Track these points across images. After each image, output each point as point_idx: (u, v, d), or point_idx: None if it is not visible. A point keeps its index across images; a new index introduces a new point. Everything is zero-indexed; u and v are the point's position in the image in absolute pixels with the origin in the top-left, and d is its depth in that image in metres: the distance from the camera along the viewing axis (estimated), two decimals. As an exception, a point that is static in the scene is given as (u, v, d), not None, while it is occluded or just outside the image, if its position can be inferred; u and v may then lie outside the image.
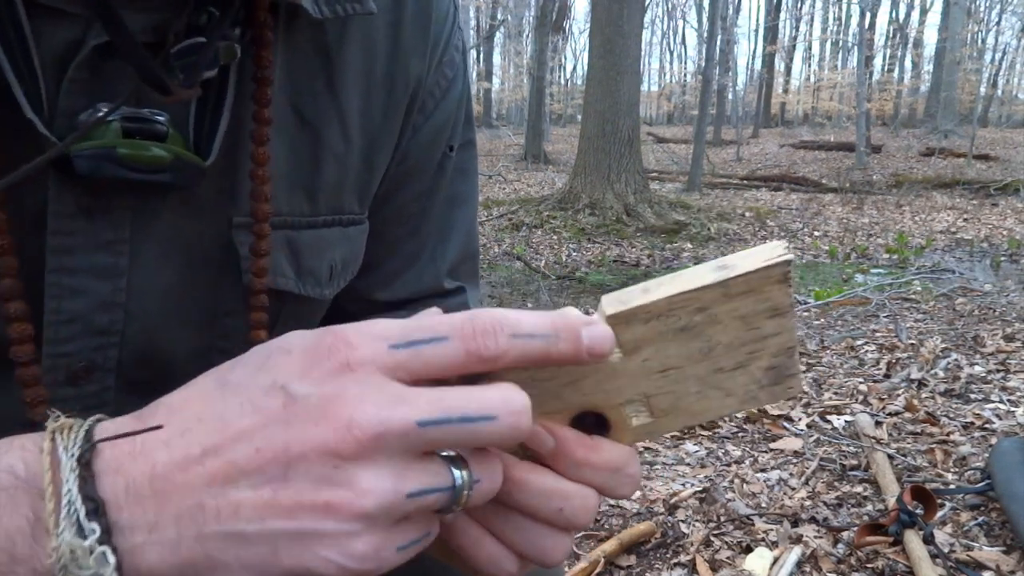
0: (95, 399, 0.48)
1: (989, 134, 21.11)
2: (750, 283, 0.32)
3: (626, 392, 0.36)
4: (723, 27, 16.91)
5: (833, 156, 16.48)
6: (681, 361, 0.35)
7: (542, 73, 16.11)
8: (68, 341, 0.45)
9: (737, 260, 0.33)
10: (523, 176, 13.41)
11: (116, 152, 0.41)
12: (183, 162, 0.43)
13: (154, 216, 0.46)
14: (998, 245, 7.24)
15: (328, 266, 0.56)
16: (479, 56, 31.20)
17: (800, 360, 0.35)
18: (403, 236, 0.64)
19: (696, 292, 0.32)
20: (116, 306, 0.47)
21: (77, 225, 0.43)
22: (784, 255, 0.32)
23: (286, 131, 0.50)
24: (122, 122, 0.41)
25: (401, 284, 0.65)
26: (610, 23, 8.53)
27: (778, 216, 9.25)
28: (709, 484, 1.93)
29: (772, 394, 0.37)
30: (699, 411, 0.37)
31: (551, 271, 6.43)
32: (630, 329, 0.33)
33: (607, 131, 8.73)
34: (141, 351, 0.49)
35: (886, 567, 1.51)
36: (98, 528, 0.28)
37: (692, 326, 0.33)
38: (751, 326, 0.34)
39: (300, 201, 0.53)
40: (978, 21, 29.02)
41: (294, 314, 0.57)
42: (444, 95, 0.60)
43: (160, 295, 0.49)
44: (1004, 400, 2.50)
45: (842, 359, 3.23)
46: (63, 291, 0.44)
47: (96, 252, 0.45)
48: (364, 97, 0.54)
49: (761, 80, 30.93)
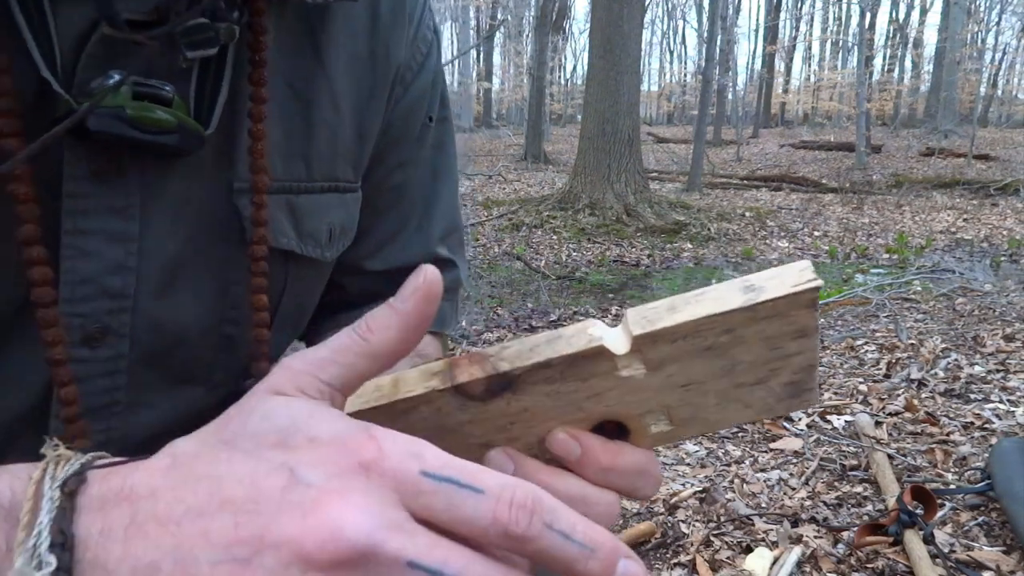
0: (111, 364, 0.50)
1: (989, 134, 21.10)
2: (778, 307, 0.32)
3: (648, 404, 0.37)
4: (723, 27, 16.91)
5: (833, 156, 16.47)
6: (704, 377, 0.35)
7: (542, 73, 16.10)
8: (82, 302, 0.48)
9: (766, 282, 0.33)
10: (523, 176, 13.41)
11: (125, 112, 0.44)
12: (186, 128, 0.47)
13: (162, 184, 0.49)
14: (998, 245, 7.24)
15: (327, 229, 0.59)
16: (479, 56, 31.20)
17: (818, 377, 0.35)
18: (388, 205, 0.67)
19: (724, 315, 0.32)
20: (128, 270, 0.49)
21: (90, 189, 0.46)
22: (813, 280, 0.32)
23: (281, 104, 0.54)
24: (132, 87, 0.45)
25: (389, 253, 0.68)
26: (610, 23, 8.53)
27: (778, 216, 9.25)
28: (709, 484, 1.93)
29: (789, 405, 0.37)
30: (716, 420, 0.38)
31: (551, 271, 6.43)
32: (656, 348, 0.34)
33: (607, 131, 8.73)
34: (153, 318, 0.51)
35: (886, 567, 1.51)
36: (55, 562, 0.27)
37: (717, 346, 0.34)
38: (775, 346, 0.34)
39: (298, 168, 0.56)
40: (978, 21, 29.00)
41: (300, 278, 0.60)
42: (420, 69, 0.64)
43: (170, 262, 0.51)
44: (1004, 400, 2.50)
45: (842, 359, 3.23)
46: (77, 252, 0.47)
47: (108, 216, 0.47)
48: (350, 72, 0.58)
49: (761, 80, 30.93)
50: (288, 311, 0.61)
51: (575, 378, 0.35)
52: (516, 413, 0.37)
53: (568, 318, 4.70)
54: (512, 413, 0.37)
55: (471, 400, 0.36)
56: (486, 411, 0.37)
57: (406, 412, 0.37)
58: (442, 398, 0.36)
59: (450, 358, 0.37)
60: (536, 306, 5.16)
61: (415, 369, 0.37)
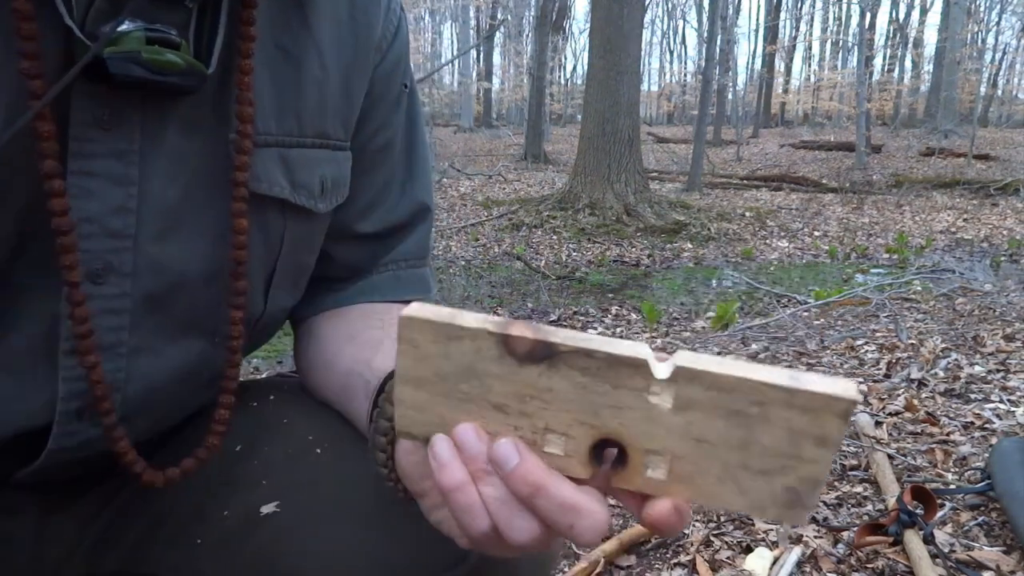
0: (114, 302, 0.54)
1: (989, 134, 21.10)
2: (813, 403, 0.33)
3: (658, 442, 0.37)
4: (723, 27, 16.91)
5: (833, 156, 16.47)
6: (718, 440, 0.36)
7: (542, 73, 16.10)
8: (87, 239, 0.51)
9: (813, 378, 0.34)
10: (523, 176, 13.41)
11: (140, 56, 0.48)
12: (191, 68, 0.51)
13: (161, 133, 0.53)
14: (998, 245, 7.24)
15: (319, 181, 0.63)
16: (479, 56, 31.20)
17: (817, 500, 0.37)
18: (374, 167, 0.71)
19: (763, 386, 0.34)
20: (128, 211, 0.52)
21: (95, 134, 0.50)
22: (854, 396, 0.33)
23: (271, 63, 0.58)
24: (144, 32, 0.49)
25: (378, 216, 0.72)
26: (610, 23, 8.52)
27: (778, 216, 9.25)
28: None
29: (779, 515, 0.37)
30: (709, 494, 0.38)
31: (551, 271, 6.43)
32: (691, 387, 0.35)
33: (607, 131, 8.73)
34: (154, 260, 0.54)
35: (886, 567, 1.51)
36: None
37: (745, 414, 0.35)
38: (794, 443, 0.35)
39: (289, 123, 0.60)
40: (978, 21, 29.01)
41: (296, 230, 0.63)
42: (394, 37, 0.69)
43: (169, 207, 0.54)
44: (1004, 400, 2.50)
45: (842, 359, 3.23)
46: (83, 192, 0.50)
47: (110, 160, 0.51)
48: (334, 34, 0.62)
49: (761, 80, 30.93)
50: (287, 268, 0.64)
51: (607, 381, 0.36)
52: (542, 389, 0.38)
53: (568, 318, 4.70)
54: (538, 387, 0.38)
55: (510, 355, 0.38)
56: (518, 373, 0.38)
57: (452, 339, 0.38)
58: (488, 340, 0.38)
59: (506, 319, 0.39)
60: (536, 306, 5.16)
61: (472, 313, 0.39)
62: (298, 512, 0.57)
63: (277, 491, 0.58)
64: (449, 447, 0.40)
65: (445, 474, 0.40)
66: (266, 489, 0.58)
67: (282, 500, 0.57)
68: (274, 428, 0.63)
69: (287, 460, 0.60)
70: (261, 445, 0.62)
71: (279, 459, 0.60)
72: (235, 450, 0.62)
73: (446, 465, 0.40)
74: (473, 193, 11.09)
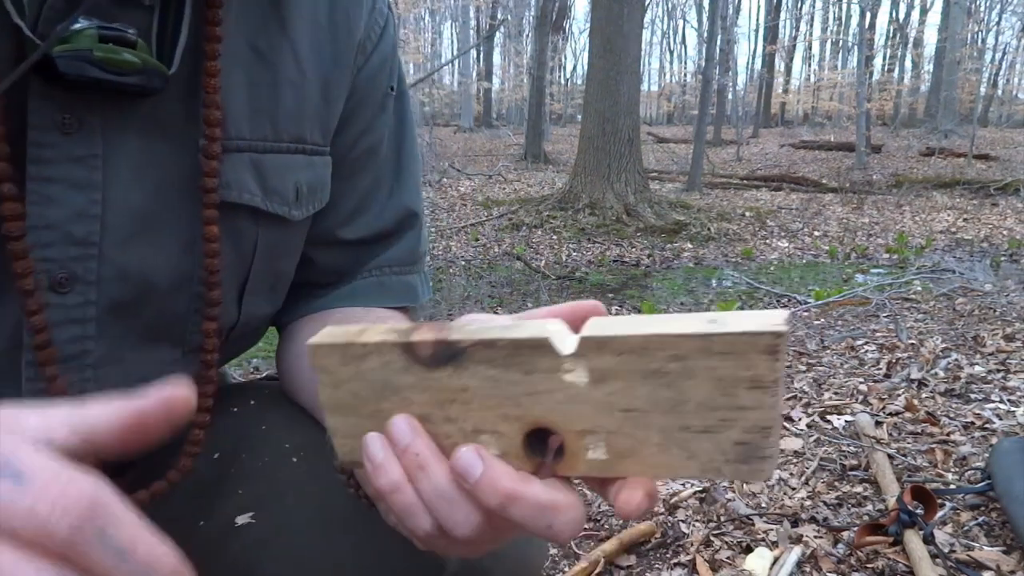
0: (79, 311, 0.52)
1: (989, 134, 21.10)
2: (734, 345, 0.30)
3: (587, 420, 0.35)
4: (723, 27, 16.90)
5: (833, 156, 16.47)
6: (647, 406, 0.33)
7: (542, 73, 16.10)
8: (48, 247, 0.49)
9: (730, 318, 0.31)
10: (523, 176, 13.40)
11: (93, 54, 0.46)
12: (150, 68, 0.49)
13: (124, 136, 0.51)
14: (998, 245, 7.24)
15: (294, 187, 0.61)
16: (479, 56, 31.19)
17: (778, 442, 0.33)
18: (358, 172, 0.68)
19: (675, 338, 0.31)
20: (92, 218, 0.50)
21: (54, 139, 0.48)
22: (778, 326, 0.30)
23: (244, 66, 0.56)
24: (97, 30, 0.47)
25: (362, 222, 0.69)
26: (610, 23, 8.52)
27: (778, 216, 9.24)
28: (709, 484, 1.93)
29: (737, 471, 0.34)
30: (657, 464, 0.35)
31: (551, 271, 6.43)
32: (601, 356, 0.32)
33: (607, 131, 8.73)
34: (120, 267, 0.53)
35: (886, 567, 1.51)
36: None
37: (665, 373, 0.32)
38: (727, 392, 0.32)
39: (263, 127, 0.58)
40: (978, 21, 29.00)
41: (270, 238, 0.61)
42: (379, 39, 0.67)
43: (135, 213, 0.52)
44: (1004, 400, 2.50)
45: (842, 359, 3.23)
46: (42, 199, 0.48)
47: (71, 165, 0.49)
48: (313, 37, 0.60)
49: (761, 80, 30.92)
50: (263, 275, 0.62)
51: (518, 369, 0.34)
52: (457, 390, 0.36)
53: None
54: (453, 389, 0.36)
55: (417, 363, 0.37)
56: (429, 379, 0.37)
57: (359, 358, 0.38)
58: (392, 352, 0.37)
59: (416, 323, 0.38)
60: (536, 306, 5.15)
61: (385, 324, 0.39)
62: (273, 523, 0.56)
63: (253, 501, 0.57)
64: (382, 444, 0.38)
65: (380, 476, 0.38)
66: (242, 499, 0.57)
67: (258, 511, 0.57)
68: (252, 435, 0.62)
69: (264, 469, 0.59)
70: (239, 452, 0.61)
71: (256, 468, 0.59)
72: (213, 457, 0.61)
73: (380, 466, 0.38)
74: (473, 193, 11.08)
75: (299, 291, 0.69)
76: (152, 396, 0.31)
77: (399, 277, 0.72)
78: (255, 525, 0.56)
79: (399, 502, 0.38)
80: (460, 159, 15.74)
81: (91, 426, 0.30)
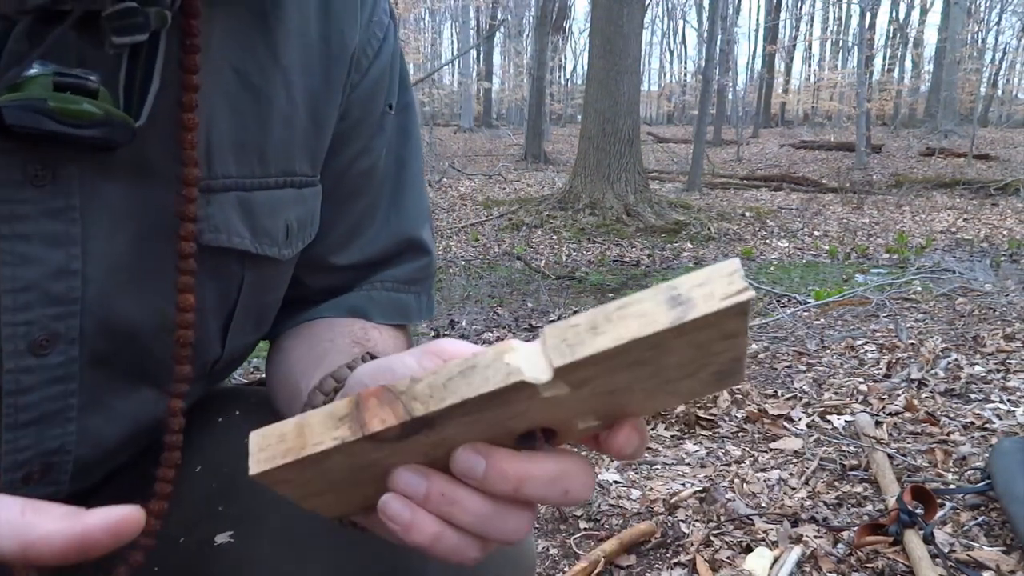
0: (61, 370, 0.49)
1: (989, 134, 21.10)
2: (706, 322, 0.30)
3: (574, 412, 0.35)
4: (723, 27, 16.90)
5: (833, 156, 16.47)
6: (630, 382, 0.34)
7: (542, 73, 16.10)
8: (25, 309, 0.46)
9: (693, 291, 0.30)
10: (523, 176, 13.40)
11: (46, 104, 0.42)
12: (113, 119, 0.44)
13: (102, 183, 0.47)
14: (998, 245, 7.24)
15: (284, 226, 0.57)
16: (479, 56, 31.20)
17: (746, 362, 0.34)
18: (352, 197, 0.64)
19: (650, 337, 0.30)
20: (72, 274, 0.47)
21: (26, 194, 0.44)
22: (744, 292, 0.29)
23: (229, 95, 0.51)
24: (53, 77, 0.42)
25: (356, 247, 0.65)
26: (610, 23, 8.52)
27: (778, 216, 9.25)
28: (709, 484, 1.93)
29: (716, 388, 0.37)
30: (645, 409, 0.37)
31: (551, 271, 6.43)
32: (577, 372, 0.32)
33: (607, 131, 8.73)
34: (104, 321, 0.50)
35: (886, 567, 1.51)
36: None
37: (643, 360, 0.32)
38: (703, 349, 0.32)
39: (251, 163, 0.53)
40: (978, 21, 29.01)
41: (257, 277, 0.57)
42: (377, 53, 0.62)
43: (117, 262, 0.49)
44: (1004, 400, 2.50)
45: (842, 359, 3.23)
46: (16, 258, 0.45)
47: (47, 219, 0.45)
48: (303, 57, 0.55)
49: (761, 80, 30.92)
50: (248, 310, 0.59)
51: (495, 407, 0.33)
52: (436, 442, 0.35)
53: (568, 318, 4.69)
54: (431, 442, 0.35)
55: (386, 442, 0.34)
56: (403, 446, 0.35)
57: (316, 463, 0.34)
58: (352, 445, 0.34)
59: (357, 396, 0.34)
60: (536, 306, 5.16)
61: (318, 412, 0.34)
62: (252, 542, 0.55)
63: (233, 519, 0.56)
64: (402, 504, 0.36)
65: (415, 534, 0.35)
66: (222, 516, 0.56)
67: (237, 529, 0.55)
68: (234, 448, 0.58)
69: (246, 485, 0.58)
70: (220, 466, 0.59)
71: (238, 484, 0.57)
72: (195, 471, 0.59)
73: (410, 524, 0.35)
74: (473, 193, 11.08)
75: (289, 307, 0.66)
76: (100, 518, 0.31)
77: (390, 293, 0.67)
78: (235, 545, 0.55)
79: (443, 548, 0.36)
80: (460, 159, 15.74)
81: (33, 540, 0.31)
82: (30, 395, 0.48)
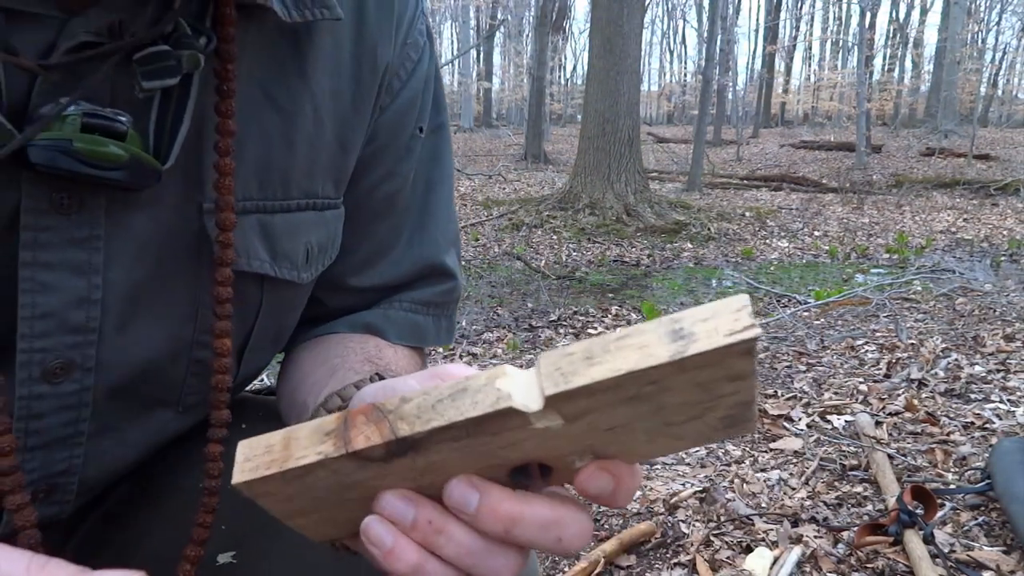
0: (74, 398, 0.48)
1: (989, 134, 21.09)
2: (709, 359, 0.29)
3: (570, 447, 0.34)
4: (723, 27, 16.90)
5: (833, 156, 16.46)
6: (629, 420, 0.32)
7: (542, 73, 16.10)
8: (43, 337, 0.45)
9: (697, 326, 0.28)
10: (523, 176, 13.41)
11: (72, 145, 0.41)
12: (139, 162, 0.43)
13: (127, 213, 0.47)
14: (998, 245, 7.24)
15: (304, 249, 0.56)
16: (479, 56, 31.20)
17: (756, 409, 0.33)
18: (375, 219, 0.63)
19: (648, 371, 0.29)
20: (92, 303, 0.47)
21: (51, 222, 0.44)
22: (750, 329, 0.28)
23: (257, 117, 0.51)
24: (83, 118, 0.42)
25: (377, 270, 0.64)
26: (610, 23, 8.52)
27: (778, 216, 9.25)
28: (709, 484, 1.93)
29: (725, 434, 0.35)
30: (647, 453, 0.35)
31: (551, 271, 6.43)
32: (571, 403, 0.30)
33: (607, 131, 8.73)
34: (121, 350, 0.49)
35: (886, 567, 1.51)
36: None
37: (642, 395, 0.31)
38: (707, 390, 0.31)
39: (273, 185, 0.53)
40: (978, 21, 29.01)
41: (276, 300, 0.57)
42: (410, 76, 0.60)
43: (137, 290, 0.49)
44: (1004, 400, 2.50)
45: (842, 359, 3.23)
46: (36, 286, 0.44)
47: (71, 248, 0.45)
48: (334, 79, 0.54)
49: (761, 80, 30.92)
50: (265, 332, 0.58)
51: (484, 434, 0.32)
52: (424, 467, 0.34)
53: (568, 318, 4.70)
54: (419, 467, 0.34)
55: (371, 461, 0.33)
56: (389, 468, 0.34)
57: (300, 477, 0.34)
58: (338, 463, 0.33)
59: (345, 413, 0.33)
60: (536, 306, 5.16)
61: (306, 425, 0.34)
62: (255, 563, 0.54)
63: (236, 538, 0.56)
64: (385, 529, 0.34)
65: (395, 561, 0.34)
66: (225, 535, 0.56)
67: (240, 548, 0.55)
68: None
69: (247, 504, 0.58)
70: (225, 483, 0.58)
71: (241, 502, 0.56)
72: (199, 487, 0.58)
73: (391, 551, 0.34)
74: (473, 193, 11.08)
75: (305, 324, 0.65)
76: None
77: (407, 314, 0.66)
78: (237, 565, 0.54)
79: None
80: (460, 159, 15.74)
81: None
82: (41, 421, 0.47)
